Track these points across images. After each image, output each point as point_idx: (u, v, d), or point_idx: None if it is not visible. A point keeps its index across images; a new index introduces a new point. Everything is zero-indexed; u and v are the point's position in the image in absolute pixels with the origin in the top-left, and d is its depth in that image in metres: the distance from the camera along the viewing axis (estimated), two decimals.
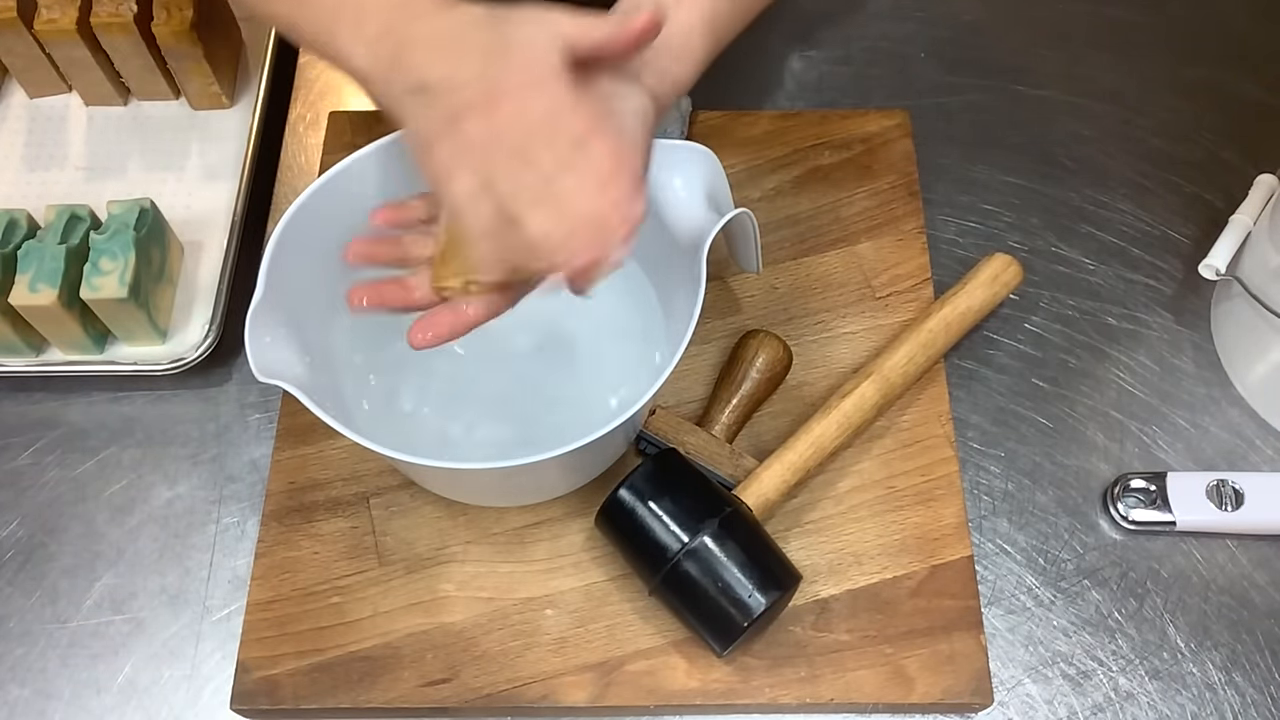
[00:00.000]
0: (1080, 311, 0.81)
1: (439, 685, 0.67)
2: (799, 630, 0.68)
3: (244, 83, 0.91)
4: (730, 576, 0.63)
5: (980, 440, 0.76)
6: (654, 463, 0.67)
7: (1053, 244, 0.84)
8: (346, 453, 0.74)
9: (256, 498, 0.74)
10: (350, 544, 0.71)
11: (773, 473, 0.69)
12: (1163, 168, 0.87)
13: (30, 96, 0.90)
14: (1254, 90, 0.91)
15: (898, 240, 0.82)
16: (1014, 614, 0.71)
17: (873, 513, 0.72)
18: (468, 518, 0.72)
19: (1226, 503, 0.72)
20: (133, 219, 0.76)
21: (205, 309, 0.79)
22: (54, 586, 0.73)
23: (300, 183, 0.87)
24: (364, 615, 0.69)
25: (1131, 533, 0.73)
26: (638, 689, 0.67)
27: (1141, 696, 0.68)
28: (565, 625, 0.69)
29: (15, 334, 0.76)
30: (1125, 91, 0.91)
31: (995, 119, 0.90)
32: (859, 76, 0.92)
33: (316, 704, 0.67)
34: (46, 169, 0.87)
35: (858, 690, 0.67)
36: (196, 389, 0.79)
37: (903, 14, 0.96)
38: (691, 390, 0.76)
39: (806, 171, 0.85)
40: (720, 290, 0.80)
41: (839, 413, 0.71)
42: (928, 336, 0.74)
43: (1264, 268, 0.73)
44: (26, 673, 0.70)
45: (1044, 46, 0.94)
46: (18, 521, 0.75)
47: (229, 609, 0.71)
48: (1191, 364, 0.79)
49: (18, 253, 0.74)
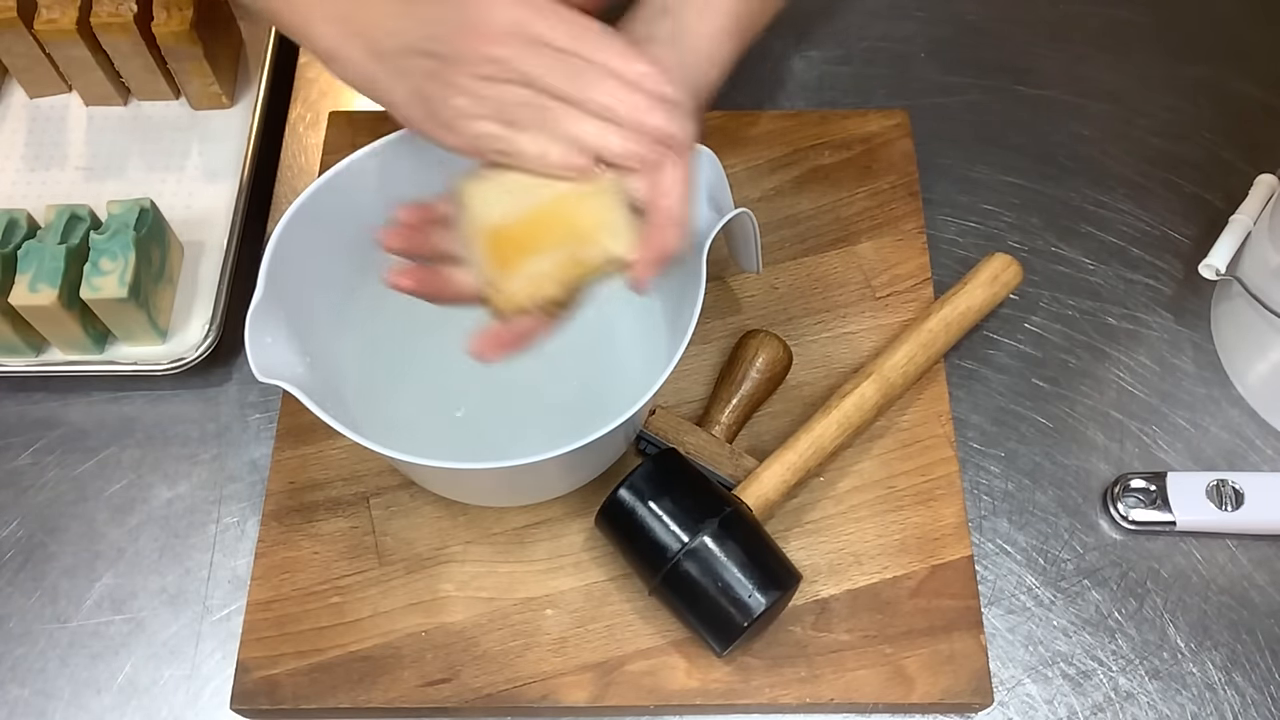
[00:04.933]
0: (1080, 311, 0.81)
1: (439, 685, 0.67)
2: (799, 630, 0.68)
3: (244, 83, 0.91)
4: (730, 576, 0.63)
5: (980, 440, 0.76)
6: (654, 463, 0.67)
7: (1053, 244, 0.84)
8: (346, 453, 0.74)
9: (256, 498, 0.74)
10: (350, 544, 0.71)
11: (773, 473, 0.69)
12: (1163, 168, 0.87)
13: (30, 96, 0.90)
14: (1254, 90, 0.91)
15: (898, 240, 0.82)
16: (1014, 614, 0.71)
17: (873, 513, 0.72)
18: (468, 518, 0.72)
19: (1226, 503, 0.72)
20: (133, 219, 0.76)
21: (205, 309, 0.79)
22: (54, 586, 0.73)
23: (300, 183, 0.87)
24: (364, 615, 0.69)
25: (1131, 533, 0.73)
26: (638, 689, 0.67)
27: (1141, 696, 0.68)
28: (565, 625, 0.69)
29: (15, 334, 0.76)
30: (1125, 91, 0.91)
31: (995, 119, 0.90)
32: (859, 76, 0.92)
33: (316, 704, 0.67)
34: (46, 169, 0.87)
35: (858, 690, 0.67)
36: (196, 389, 0.79)
37: (903, 14, 0.96)
38: (691, 390, 0.76)
39: (806, 171, 0.85)
40: (720, 290, 0.80)
41: (839, 413, 0.71)
42: (928, 336, 0.74)
43: (1264, 268, 0.73)
44: (26, 673, 0.70)
45: (1044, 46, 0.94)
46: (18, 521, 0.75)
47: (229, 609, 0.71)
48: (1191, 364, 0.79)
49: (18, 253, 0.74)
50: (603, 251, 0.55)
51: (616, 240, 0.55)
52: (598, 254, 0.56)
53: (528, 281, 0.56)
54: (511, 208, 0.56)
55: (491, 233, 0.57)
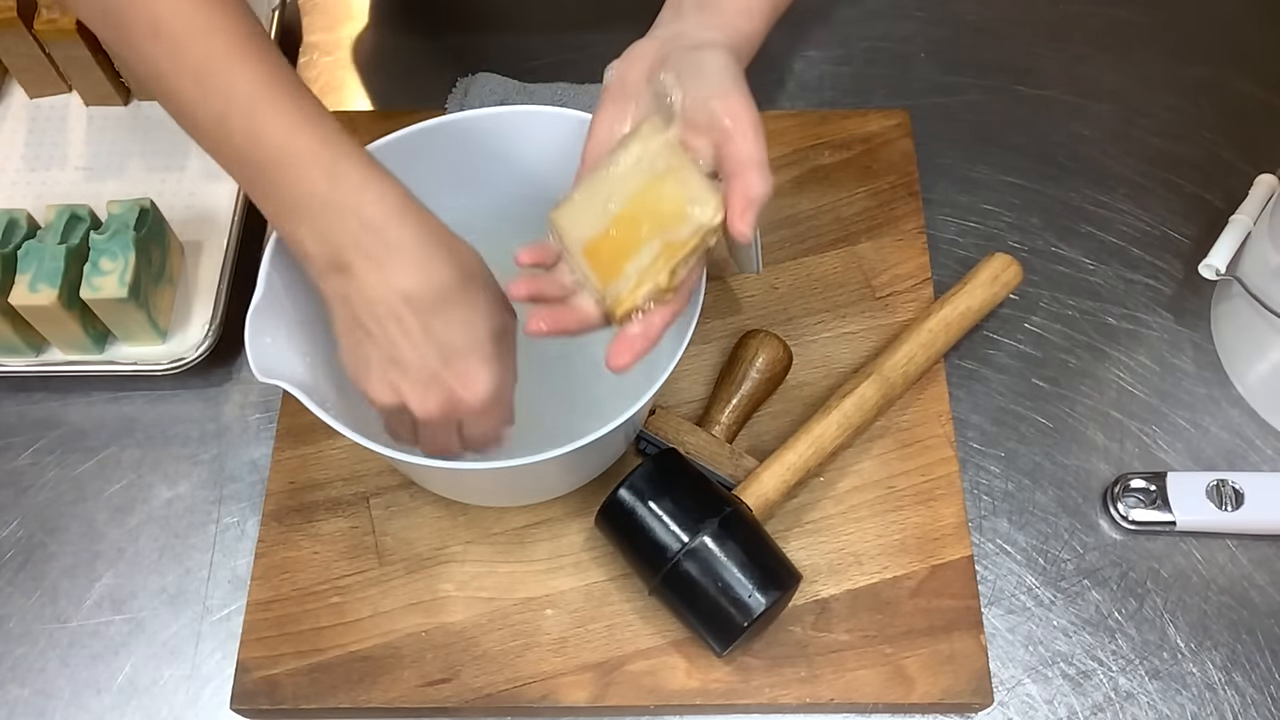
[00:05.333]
0: (1080, 311, 0.81)
1: (439, 685, 0.67)
2: (799, 630, 0.68)
3: None
4: (730, 576, 0.63)
5: (980, 440, 0.76)
6: (654, 463, 0.67)
7: (1053, 244, 0.84)
8: (346, 453, 0.74)
9: (256, 498, 0.74)
10: (350, 544, 0.71)
11: (773, 473, 0.69)
12: (1163, 168, 0.87)
13: (30, 96, 0.90)
14: (1254, 90, 0.91)
15: (898, 240, 0.82)
16: (1014, 614, 0.71)
17: (873, 513, 0.72)
18: (468, 518, 0.72)
19: (1226, 503, 0.72)
20: (133, 219, 0.76)
21: (205, 309, 0.79)
22: (54, 586, 0.73)
23: None
24: (364, 615, 0.69)
25: (1131, 533, 0.73)
26: (638, 689, 0.67)
27: (1141, 696, 0.68)
28: (565, 625, 0.69)
29: (15, 334, 0.76)
30: (1125, 91, 0.91)
31: (995, 119, 0.90)
32: (859, 76, 0.92)
33: (316, 704, 0.67)
34: (46, 169, 0.87)
35: (858, 690, 0.67)
36: (196, 389, 0.79)
37: (903, 14, 0.96)
38: (691, 390, 0.76)
39: (806, 171, 0.85)
40: (720, 290, 0.80)
41: (839, 413, 0.71)
42: (928, 336, 0.74)
43: (1264, 268, 0.73)
44: (26, 673, 0.70)
45: (1044, 46, 0.94)
46: (18, 521, 0.75)
47: (229, 609, 0.71)
48: (1191, 364, 0.79)
49: (18, 253, 0.74)
50: (693, 224, 0.56)
51: (704, 208, 0.56)
52: (689, 229, 0.56)
53: (634, 281, 0.57)
54: (598, 218, 0.58)
55: (589, 248, 0.58)
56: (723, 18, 0.61)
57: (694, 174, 0.56)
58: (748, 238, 0.56)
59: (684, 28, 0.61)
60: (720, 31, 0.60)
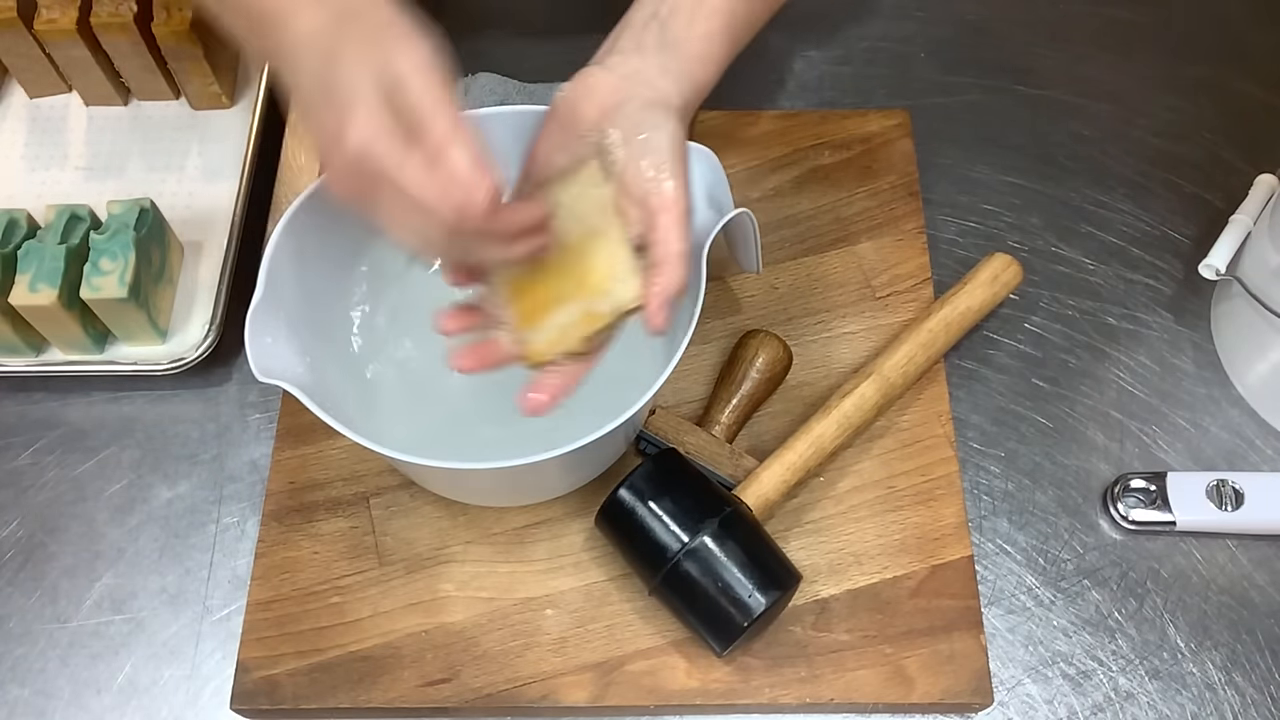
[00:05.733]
0: (1080, 311, 0.81)
1: (439, 685, 0.67)
2: (799, 630, 0.68)
3: (244, 83, 0.91)
4: (730, 576, 0.63)
5: (980, 440, 0.76)
6: (654, 463, 0.67)
7: (1053, 244, 0.84)
8: (346, 453, 0.74)
9: (256, 498, 0.74)
10: (350, 544, 0.71)
11: (773, 473, 0.69)
12: (1163, 168, 0.87)
13: (30, 96, 0.90)
14: (1254, 90, 0.91)
15: (898, 240, 0.82)
16: (1014, 614, 0.71)
17: (873, 513, 0.72)
18: (468, 518, 0.72)
19: (1226, 503, 0.72)
20: (133, 219, 0.76)
21: (205, 309, 0.79)
22: (54, 586, 0.73)
23: (300, 183, 0.87)
24: (364, 615, 0.69)
25: (1131, 533, 0.73)
26: (638, 689, 0.67)
27: (1141, 696, 0.68)
28: (565, 625, 0.69)
29: (15, 334, 0.76)
30: (1125, 91, 0.91)
31: (995, 119, 0.90)
32: (859, 76, 0.92)
33: (316, 704, 0.67)
34: (46, 169, 0.87)
35: (858, 690, 0.67)
36: (196, 389, 0.79)
37: (903, 14, 0.96)
38: (691, 390, 0.76)
39: (806, 171, 0.85)
40: (720, 290, 0.80)
41: (839, 413, 0.71)
42: (928, 336, 0.74)
43: (1264, 268, 0.73)
44: (26, 673, 0.70)
45: (1044, 46, 0.94)
46: (18, 521, 0.75)
47: (229, 609, 0.71)
48: (1191, 364, 0.79)
49: (18, 253, 0.74)
50: (613, 301, 0.58)
51: (625, 289, 0.58)
52: (609, 305, 0.58)
53: (552, 337, 0.59)
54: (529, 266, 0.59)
55: (515, 287, 0.60)
56: (681, 64, 0.62)
57: (622, 248, 0.58)
58: (662, 331, 0.57)
59: (643, 66, 0.61)
60: (676, 83, 0.61)
